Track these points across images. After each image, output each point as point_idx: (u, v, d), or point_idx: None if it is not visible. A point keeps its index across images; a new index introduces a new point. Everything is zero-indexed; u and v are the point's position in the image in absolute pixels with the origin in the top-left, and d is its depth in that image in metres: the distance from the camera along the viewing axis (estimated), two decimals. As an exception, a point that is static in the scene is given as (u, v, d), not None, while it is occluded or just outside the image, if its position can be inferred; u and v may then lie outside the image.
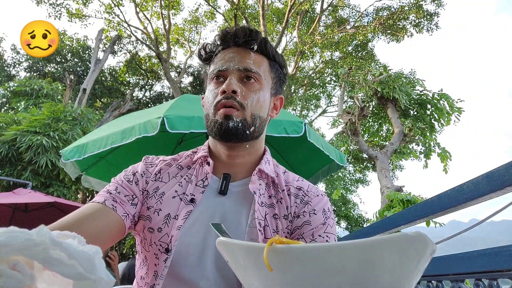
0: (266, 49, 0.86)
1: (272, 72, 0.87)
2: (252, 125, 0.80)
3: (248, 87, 0.81)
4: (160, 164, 0.89)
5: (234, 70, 0.81)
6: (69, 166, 3.04)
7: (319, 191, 0.89)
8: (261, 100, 0.82)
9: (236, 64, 0.81)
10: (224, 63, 0.83)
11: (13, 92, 11.84)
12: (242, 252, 0.44)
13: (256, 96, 0.81)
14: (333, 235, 0.81)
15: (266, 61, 0.87)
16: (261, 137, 0.87)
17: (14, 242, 0.31)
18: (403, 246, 0.36)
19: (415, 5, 13.85)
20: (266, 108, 0.85)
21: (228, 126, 0.78)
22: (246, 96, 0.80)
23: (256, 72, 0.82)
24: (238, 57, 0.83)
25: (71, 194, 8.20)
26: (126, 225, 0.79)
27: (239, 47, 0.85)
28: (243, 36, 0.84)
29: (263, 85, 0.83)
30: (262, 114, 0.83)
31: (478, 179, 0.93)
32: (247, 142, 0.83)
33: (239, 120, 0.78)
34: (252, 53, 0.85)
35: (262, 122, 0.84)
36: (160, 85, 19.05)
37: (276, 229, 0.80)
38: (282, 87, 0.93)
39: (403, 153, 9.16)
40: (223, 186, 0.83)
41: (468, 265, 0.97)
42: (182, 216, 0.78)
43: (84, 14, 15.00)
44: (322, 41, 14.01)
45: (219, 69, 0.82)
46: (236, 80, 0.80)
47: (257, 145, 0.88)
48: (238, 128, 0.78)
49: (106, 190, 0.82)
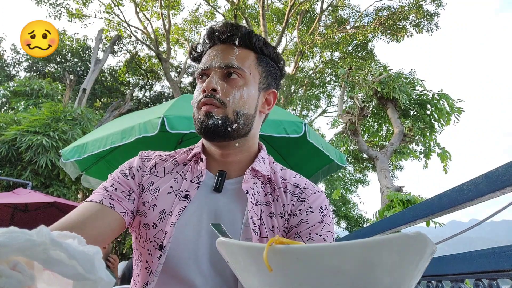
0: (251, 43, 0.84)
1: (260, 66, 0.85)
2: (234, 122, 0.78)
3: (230, 83, 0.79)
4: (155, 159, 0.89)
5: (215, 68, 0.80)
6: (69, 166, 3.04)
7: (316, 188, 0.88)
8: (245, 96, 0.80)
9: (217, 62, 0.80)
10: (207, 62, 0.82)
11: (13, 92, 11.84)
12: (242, 252, 0.44)
13: (239, 92, 0.79)
14: (330, 233, 0.80)
15: (252, 55, 0.84)
16: (251, 134, 0.85)
17: (14, 242, 0.31)
18: (403, 246, 0.36)
19: (415, 5, 13.85)
20: (252, 104, 0.82)
21: (208, 124, 0.77)
22: (227, 93, 0.78)
23: (238, 68, 0.80)
24: (221, 54, 0.82)
25: (71, 194, 8.21)
26: (126, 221, 0.80)
27: (224, 43, 0.84)
28: (225, 32, 0.83)
29: (247, 80, 0.81)
30: (246, 110, 0.81)
31: (478, 179, 0.93)
32: (236, 140, 0.82)
33: (219, 117, 0.77)
34: (236, 48, 0.83)
35: (248, 118, 0.82)
36: (160, 85, 19.08)
37: (272, 228, 0.79)
38: (277, 81, 0.91)
39: (403, 153, 9.16)
40: (218, 183, 0.82)
41: (468, 265, 0.97)
42: (176, 212, 0.78)
43: (84, 14, 15.00)
44: (322, 41, 14.02)
45: (202, 67, 0.82)
46: (218, 78, 0.79)
47: (249, 143, 0.86)
48: (218, 126, 0.77)
49: (103, 187, 0.82)
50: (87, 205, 0.77)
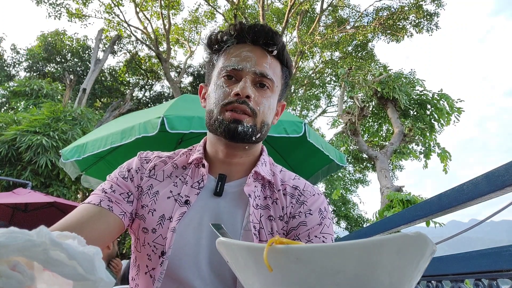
0: (283, 55, 0.83)
1: (282, 79, 0.85)
2: (259, 132, 0.79)
3: (260, 92, 0.78)
4: (154, 160, 0.87)
5: (249, 72, 0.77)
6: (69, 166, 3.04)
7: (316, 190, 0.87)
8: (271, 108, 0.81)
9: (252, 66, 0.77)
10: (239, 62, 0.78)
11: (13, 92, 11.84)
12: (242, 252, 0.44)
13: (268, 103, 0.79)
14: (330, 235, 0.80)
15: (279, 66, 0.83)
16: (261, 141, 0.87)
17: (14, 242, 0.31)
18: (403, 246, 0.36)
19: (415, 5, 13.85)
20: (272, 115, 0.84)
21: (237, 130, 0.75)
22: (258, 102, 0.77)
23: (270, 79, 0.79)
24: (255, 58, 0.78)
25: (71, 194, 8.21)
26: (125, 223, 0.79)
27: (256, 46, 0.80)
28: (264, 37, 0.79)
29: (274, 92, 0.81)
30: (269, 120, 0.82)
31: (478, 179, 0.93)
32: (248, 144, 0.82)
33: (249, 125, 0.76)
34: (269, 56, 0.80)
35: (269, 128, 0.83)
36: (160, 85, 19.07)
37: (271, 231, 0.79)
38: (286, 93, 0.91)
39: (403, 153, 9.16)
40: (218, 187, 0.81)
41: (468, 265, 0.97)
42: (176, 217, 0.77)
43: (84, 14, 15.00)
44: (322, 41, 14.01)
45: (234, 67, 0.78)
46: (250, 83, 0.77)
47: (256, 147, 0.86)
48: (247, 133, 0.76)
49: (101, 188, 0.81)
50: (86, 207, 0.76)
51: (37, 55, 16.22)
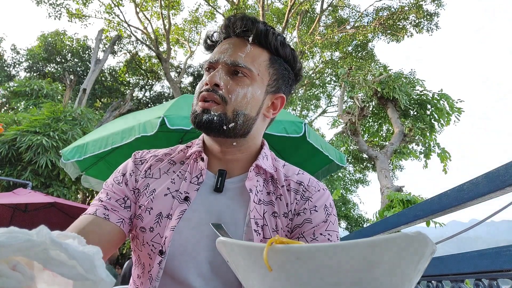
0: (266, 42, 0.80)
1: (271, 68, 0.81)
2: (232, 121, 0.75)
3: (235, 81, 0.76)
4: (150, 160, 0.86)
5: (222, 63, 0.77)
6: (69, 166, 3.04)
7: (321, 185, 0.85)
8: (249, 96, 0.77)
9: (225, 57, 0.77)
10: (216, 55, 0.79)
11: (13, 92, 11.84)
12: (242, 252, 0.44)
13: (243, 91, 0.76)
14: (335, 233, 0.78)
15: (265, 55, 0.80)
16: (250, 136, 0.81)
17: (14, 242, 0.31)
18: (403, 246, 0.36)
19: (415, 5, 13.85)
20: (254, 106, 0.79)
21: (201, 118, 0.74)
22: (231, 89, 0.75)
23: (244, 67, 0.76)
24: (231, 49, 0.78)
25: (71, 194, 8.21)
26: (124, 230, 0.78)
27: (238, 37, 0.81)
28: (241, 26, 0.79)
29: (254, 80, 0.77)
30: (248, 111, 0.77)
31: (478, 179, 0.93)
32: (233, 139, 0.79)
33: (216, 114, 0.74)
34: (250, 45, 0.79)
35: (248, 120, 0.78)
36: (160, 85, 19.07)
37: (275, 228, 0.77)
38: (288, 85, 0.86)
39: (403, 153, 9.16)
40: (219, 183, 0.79)
41: (468, 265, 0.97)
42: (176, 216, 0.75)
43: (84, 14, 15.00)
44: (322, 41, 14.01)
45: (210, 60, 0.80)
46: (223, 73, 0.76)
47: (248, 144, 0.83)
48: (212, 122, 0.74)
49: (98, 198, 0.80)
50: (82, 219, 0.75)
51: (37, 55, 16.22)
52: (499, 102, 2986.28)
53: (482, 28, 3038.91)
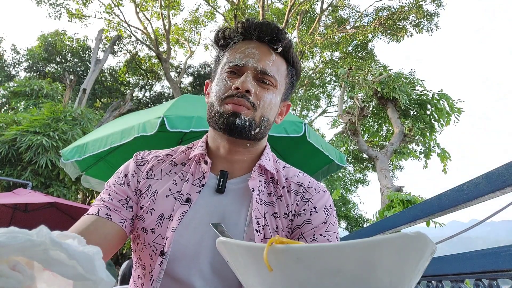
0: (288, 53, 0.83)
1: (287, 78, 0.85)
2: (258, 126, 0.78)
3: (263, 87, 0.78)
4: (152, 161, 0.86)
5: (251, 68, 0.78)
6: (69, 166, 3.04)
7: (321, 186, 0.86)
8: (272, 104, 0.80)
9: (255, 62, 0.78)
10: (243, 58, 0.78)
11: (13, 92, 11.84)
12: (242, 252, 0.44)
13: (269, 98, 0.79)
14: (335, 234, 0.79)
15: (285, 65, 0.84)
16: (263, 140, 0.85)
17: (14, 242, 0.31)
18: (403, 246, 0.36)
19: (415, 5, 13.85)
20: (274, 112, 0.83)
21: (234, 123, 0.75)
22: (259, 96, 0.77)
23: (272, 76, 0.79)
24: (258, 54, 0.79)
25: (71, 194, 8.21)
26: (126, 230, 0.78)
27: (262, 43, 0.81)
28: (269, 34, 0.80)
29: (276, 89, 0.81)
30: (270, 117, 0.81)
31: (478, 179, 0.93)
32: (249, 141, 0.81)
33: (247, 118, 0.76)
34: (274, 54, 0.81)
35: (269, 125, 0.82)
36: (160, 85, 19.08)
37: (276, 228, 0.78)
38: (291, 93, 0.91)
39: (403, 153, 9.16)
40: (221, 184, 0.80)
41: (468, 265, 0.97)
42: (177, 217, 0.75)
43: (84, 14, 15.01)
44: (322, 41, 14.01)
45: (237, 63, 0.78)
46: (251, 79, 0.77)
47: (258, 146, 0.85)
48: (244, 127, 0.75)
49: (100, 198, 0.80)
50: (84, 219, 0.75)
51: (37, 55, 16.22)
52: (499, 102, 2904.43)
53: (482, 28, 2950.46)
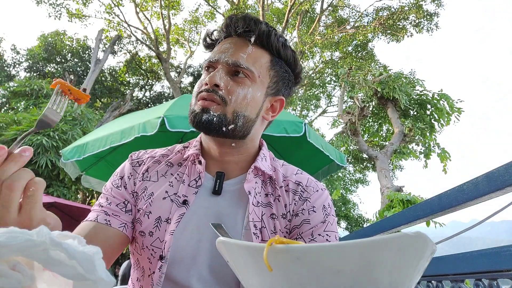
0: (268, 43, 0.78)
1: (272, 70, 0.80)
2: (232, 123, 0.74)
3: (236, 81, 0.75)
4: (147, 162, 0.84)
5: (223, 63, 0.75)
6: (69, 166, 3.04)
7: (319, 185, 0.84)
8: (249, 98, 0.75)
9: (226, 57, 0.75)
10: (216, 54, 0.77)
11: (13, 92, 11.83)
12: (242, 252, 0.44)
13: (243, 92, 0.74)
14: (333, 233, 0.78)
15: (267, 56, 0.79)
16: (249, 138, 0.80)
17: (14, 242, 0.31)
18: (403, 246, 0.36)
19: (415, 5, 13.85)
20: (255, 108, 0.78)
21: (201, 119, 0.73)
22: (231, 90, 0.74)
23: (246, 68, 0.75)
24: (232, 49, 0.76)
25: (71, 194, 8.21)
26: (127, 234, 0.77)
27: (240, 37, 0.79)
28: (243, 26, 0.78)
29: (255, 82, 0.76)
30: (248, 113, 0.76)
31: (478, 179, 0.93)
32: (232, 140, 0.78)
33: (216, 114, 0.73)
34: (251, 46, 0.78)
35: (248, 122, 0.77)
36: (160, 85, 19.08)
37: (274, 230, 0.76)
38: (288, 87, 0.85)
39: (403, 153, 9.16)
40: (217, 186, 0.78)
41: (468, 265, 0.97)
42: (175, 220, 0.74)
43: (84, 14, 15.01)
44: (322, 41, 14.01)
45: (210, 59, 0.78)
46: (224, 73, 0.75)
47: (246, 145, 0.82)
48: (212, 122, 0.72)
49: (98, 203, 0.79)
50: (84, 226, 0.75)
51: (37, 55, 16.22)
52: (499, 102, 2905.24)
53: (482, 28, 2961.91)
